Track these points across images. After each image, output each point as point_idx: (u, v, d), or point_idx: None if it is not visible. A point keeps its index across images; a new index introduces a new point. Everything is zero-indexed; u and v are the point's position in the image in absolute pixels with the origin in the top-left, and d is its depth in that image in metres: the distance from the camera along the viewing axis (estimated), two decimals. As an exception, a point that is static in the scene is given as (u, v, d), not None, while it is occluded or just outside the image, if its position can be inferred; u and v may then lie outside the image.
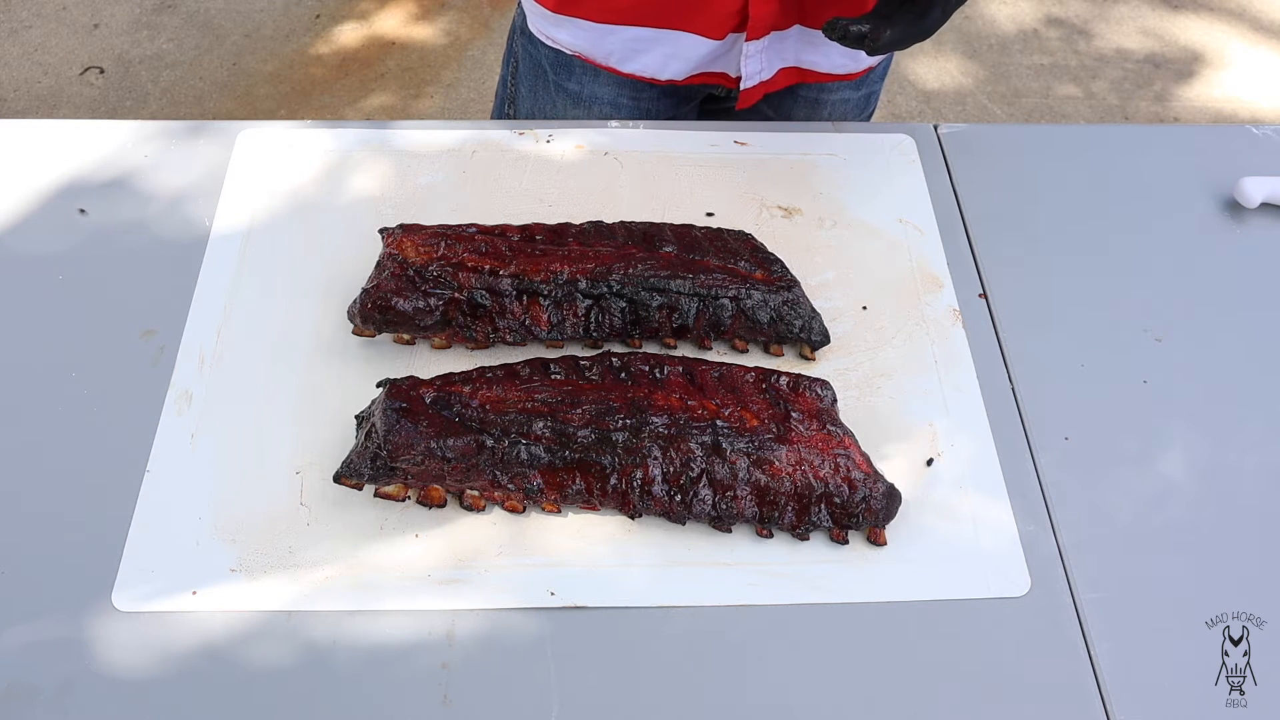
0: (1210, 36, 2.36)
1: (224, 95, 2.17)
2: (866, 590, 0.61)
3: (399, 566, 0.61)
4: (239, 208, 0.78)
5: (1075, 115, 2.03)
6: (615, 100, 0.94)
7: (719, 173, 0.83)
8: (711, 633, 0.59)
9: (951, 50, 2.31)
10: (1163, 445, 0.68)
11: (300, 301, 0.73)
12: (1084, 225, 0.81)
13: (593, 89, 0.93)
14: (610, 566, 0.61)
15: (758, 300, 0.70)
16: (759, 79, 0.89)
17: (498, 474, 0.61)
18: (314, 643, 0.58)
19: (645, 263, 0.70)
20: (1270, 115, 2.19)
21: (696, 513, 0.62)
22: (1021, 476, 0.66)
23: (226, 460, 0.65)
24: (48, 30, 2.28)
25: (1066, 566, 0.63)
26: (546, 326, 0.69)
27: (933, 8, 0.67)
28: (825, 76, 0.92)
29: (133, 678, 0.57)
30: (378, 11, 2.36)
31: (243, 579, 0.60)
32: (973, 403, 0.69)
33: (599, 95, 0.94)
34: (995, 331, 0.74)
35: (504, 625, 0.59)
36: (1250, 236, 0.81)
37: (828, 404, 0.65)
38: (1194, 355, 0.73)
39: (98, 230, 0.77)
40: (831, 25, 0.70)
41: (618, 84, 0.93)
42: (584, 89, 0.93)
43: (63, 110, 2.13)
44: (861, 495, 0.62)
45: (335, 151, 0.83)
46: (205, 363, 0.69)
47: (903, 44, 0.69)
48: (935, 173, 0.84)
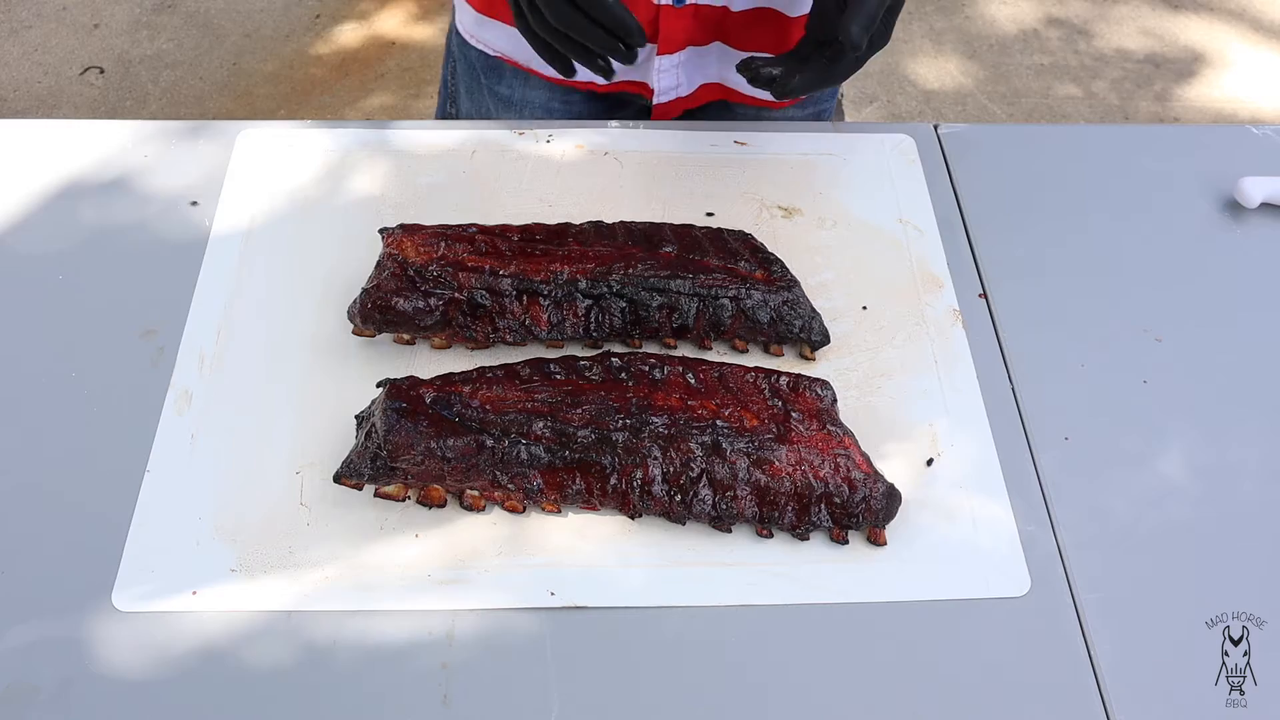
0: (1210, 36, 2.36)
1: (224, 95, 2.17)
2: (866, 590, 0.61)
3: (399, 566, 0.61)
4: (239, 208, 0.78)
5: (1075, 115, 2.03)
6: (547, 105, 0.93)
7: (719, 173, 0.83)
8: (711, 633, 0.59)
9: (951, 50, 2.31)
10: (1163, 445, 0.68)
11: (300, 301, 0.73)
12: (1084, 225, 0.81)
13: (523, 93, 0.92)
14: (610, 566, 0.61)
15: (758, 300, 0.70)
16: (675, 94, 0.89)
17: (498, 474, 0.61)
18: (314, 643, 0.58)
19: (645, 263, 0.70)
20: (1270, 115, 2.19)
21: (696, 513, 0.62)
22: (1021, 476, 0.66)
23: (226, 460, 0.65)
24: (48, 30, 2.28)
25: (1066, 566, 0.63)
26: (546, 326, 0.69)
27: (843, 55, 0.66)
28: (751, 99, 0.91)
29: (133, 678, 0.57)
30: (378, 11, 2.36)
31: (243, 579, 0.60)
32: (973, 403, 0.69)
33: (530, 99, 0.93)
34: (995, 331, 0.74)
35: (504, 625, 0.59)
36: (1250, 236, 0.81)
37: (828, 404, 0.65)
38: (1194, 355, 0.73)
39: (98, 230, 0.77)
40: (745, 65, 0.70)
41: (548, 88, 0.92)
42: (514, 93, 0.93)
43: (63, 110, 2.13)
44: (861, 495, 0.62)
45: (335, 151, 0.83)
46: (205, 363, 0.69)
47: (812, 89, 0.68)
48: (935, 173, 0.84)
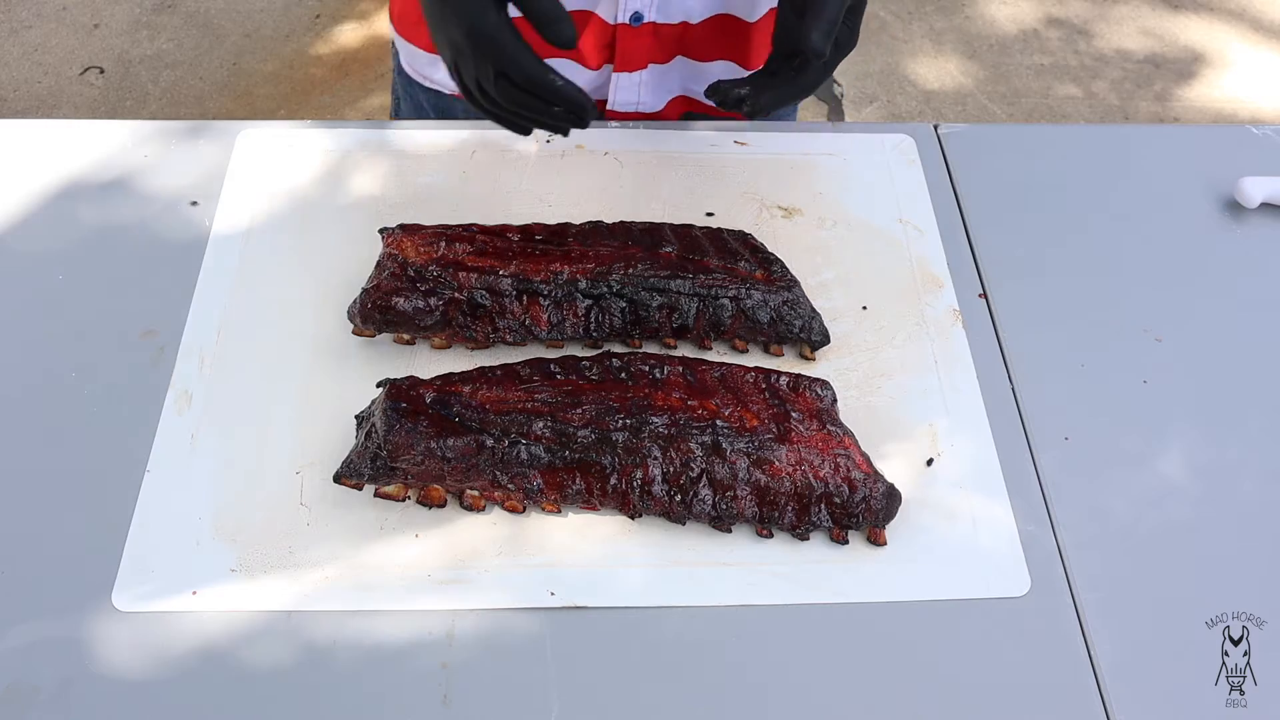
0: (1210, 37, 2.36)
1: (224, 95, 2.17)
2: (866, 590, 0.61)
3: (399, 566, 0.61)
4: (239, 208, 0.78)
5: (1075, 115, 2.03)
6: None
7: (719, 173, 0.83)
8: (711, 633, 0.59)
9: (951, 50, 2.31)
10: (1163, 445, 0.68)
11: (300, 301, 0.73)
12: (1084, 225, 0.81)
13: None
14: (610, 566, 0.61)
15: (758, 300, 0.70)
16: (636, 108, 0.89)
17: (498, 474, 0.61)
18: (314, 643, 0.58)
19: (645, 263, 0.70)
20: (1270, 115, 2.19)
21: (696, 513, 0.62)
22: (1021, 476, 0.66)
23: (226, 460, 0.65)
24: (48, 30, 2.28)
25: (1066, 566, 0.63)
26: (546, 326, 0.69)
27: (809, 65, 0.67)
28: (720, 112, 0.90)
29: (133, 678, 0.57)
30: (378, 11, 2.36)
31: (243, 579, 0.60)
32: (973, 403, 0.69)
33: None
34: (995, 331, 0.74)
35: (504, 625, 0.59)
36: (1250, 236, 0.81)
37: (828, 404, 0.65)
38: (1194, 355, 0.73)
39: (98, 230, 0.77)
40: (714, 89, 0.70)
41: None
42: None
43: (63, 110, 2.13)
44: (861, 495, 0.62)
45: (335, 151, 0.83)
46: (205, 363, 0.69)
47: (784, 103, 0.69)
48: (935, 173, 0.84)
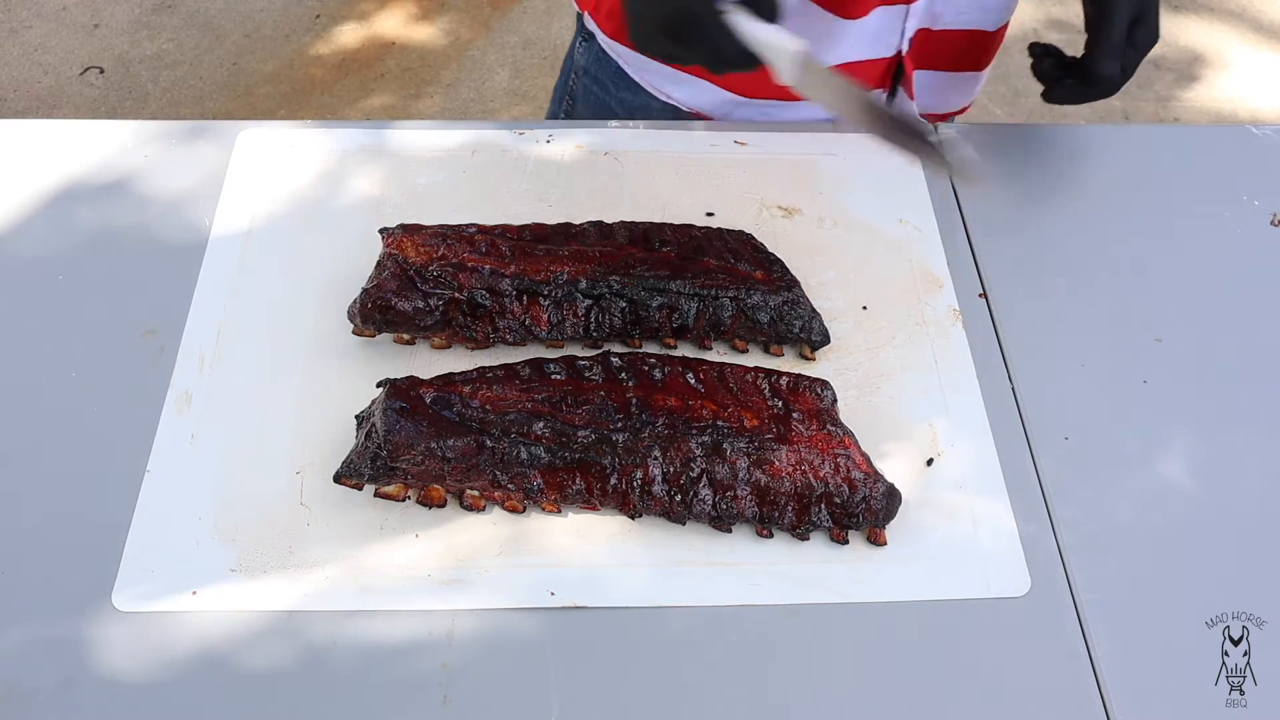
0: (1211, 37, 2.36)
1: (224, 95, 2.17)
2: (866, 590, 0.61)
3: (399, 566, 0.61)
4: (239, 208, 0.78)
5: (1075, 115, 2.03)
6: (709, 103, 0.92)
7: (719, 173, 0.83)
8: (711, 633, 0.59)
9: (951, 50, 2.31)
10: (1163, 445, 0.68)
11: (300, 301, 0.73)
12: (1084, 225, 0.81)
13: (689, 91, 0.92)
14: (610, 566, 0.61)
15: (758, 300, 0.70)
16: None
17: (498, 474, 0.61)
18: (314, 643, 0.58)
19: (645, 263, 0.70)
20: (1270, 115, 2.19)
21: (696, 513, 0.62)
22: (1021, 476, 0.66)
23: (226, 460, 0.65)
24: (48, 30, 2.28)
25: (1066, 566, 0.63)
26: (546, 326, 0.69)
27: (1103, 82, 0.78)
28: None
29: (133, 678, 0.57)
30: (378, 11, 2.36)
31: (243, 579, 0.60)
32: (973, 403, 0.69)
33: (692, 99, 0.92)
34: (995, 331, 0.74)
35: (504, 625, 0.59)
36: (1251, 236, 0.81)
37: (828, 404, 0.65)
38: (1194, 355, 0.73)
39: (98, 230, 0.77)
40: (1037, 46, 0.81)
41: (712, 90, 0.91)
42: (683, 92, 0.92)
43: (63, 110, 2.13)
44: (861, 495, 0.62)
45: (335, 151, 0.83)
46: (205, 363, 0.69)
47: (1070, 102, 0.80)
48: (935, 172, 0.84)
